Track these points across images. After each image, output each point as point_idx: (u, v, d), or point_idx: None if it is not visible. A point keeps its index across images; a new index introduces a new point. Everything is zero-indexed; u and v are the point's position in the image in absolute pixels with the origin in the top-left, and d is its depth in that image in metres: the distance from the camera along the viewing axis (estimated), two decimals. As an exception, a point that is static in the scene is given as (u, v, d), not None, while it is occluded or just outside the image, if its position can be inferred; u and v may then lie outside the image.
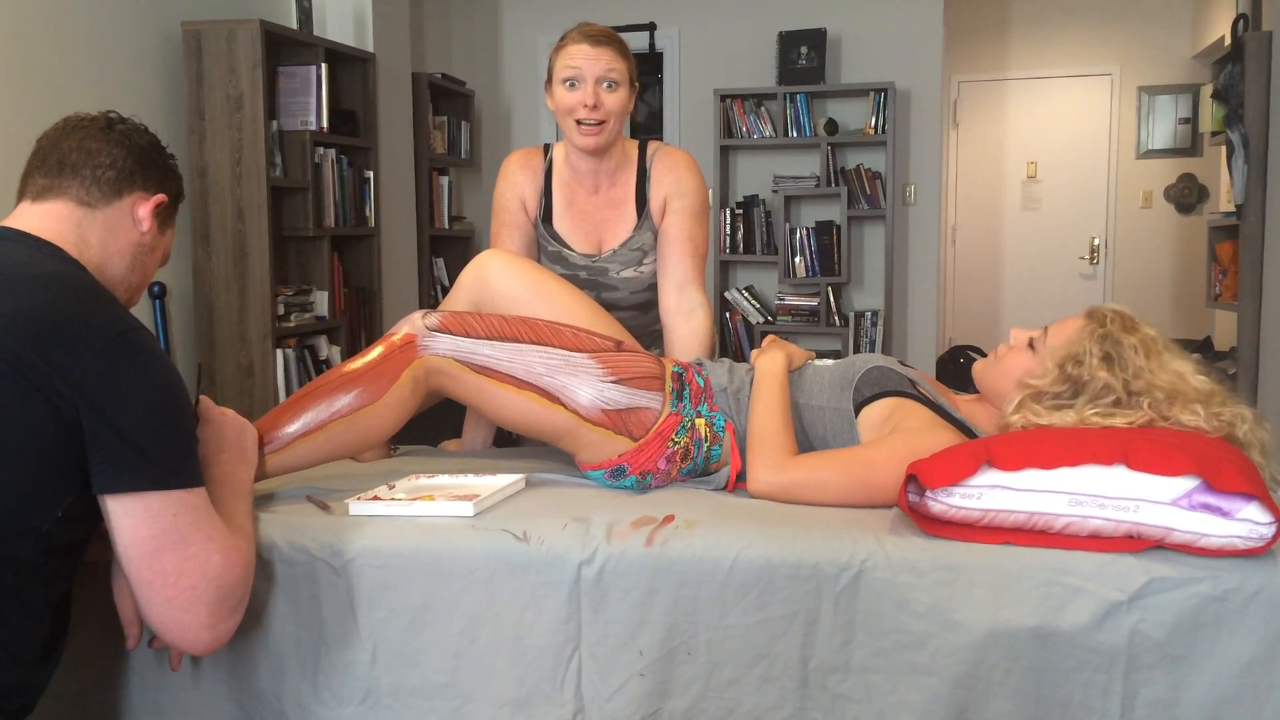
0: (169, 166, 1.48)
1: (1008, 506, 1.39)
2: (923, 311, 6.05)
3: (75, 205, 1.38)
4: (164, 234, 1.49)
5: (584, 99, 2.12)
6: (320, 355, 4.30)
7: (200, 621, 1.27)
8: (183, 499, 1.25)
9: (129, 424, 1.20)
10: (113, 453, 1.20)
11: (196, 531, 1.26)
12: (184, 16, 3.93)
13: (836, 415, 1.73)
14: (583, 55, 2.12)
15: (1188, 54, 7.01)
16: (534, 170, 2.26)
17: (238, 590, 1.32)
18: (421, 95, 5.29)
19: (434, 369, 1.70)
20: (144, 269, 1.47)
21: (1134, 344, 1.54)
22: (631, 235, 2.24)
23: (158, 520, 1.23)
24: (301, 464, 1.65)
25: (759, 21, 6.03)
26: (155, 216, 1.44)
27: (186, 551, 1.25)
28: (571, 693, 1.45)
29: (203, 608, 1.27)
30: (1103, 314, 1.61)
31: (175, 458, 1.25)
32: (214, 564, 1.27)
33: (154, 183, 1.45)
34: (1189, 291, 7.05)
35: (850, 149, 5.95)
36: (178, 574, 1.25)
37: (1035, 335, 1.67)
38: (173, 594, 1.25)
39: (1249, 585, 1.31)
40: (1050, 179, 7.42)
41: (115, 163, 1.40)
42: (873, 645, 1.39)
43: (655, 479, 1.72)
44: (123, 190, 1.41)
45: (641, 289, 2.27)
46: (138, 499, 1.22)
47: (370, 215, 4.58)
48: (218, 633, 1.30)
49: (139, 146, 1.43)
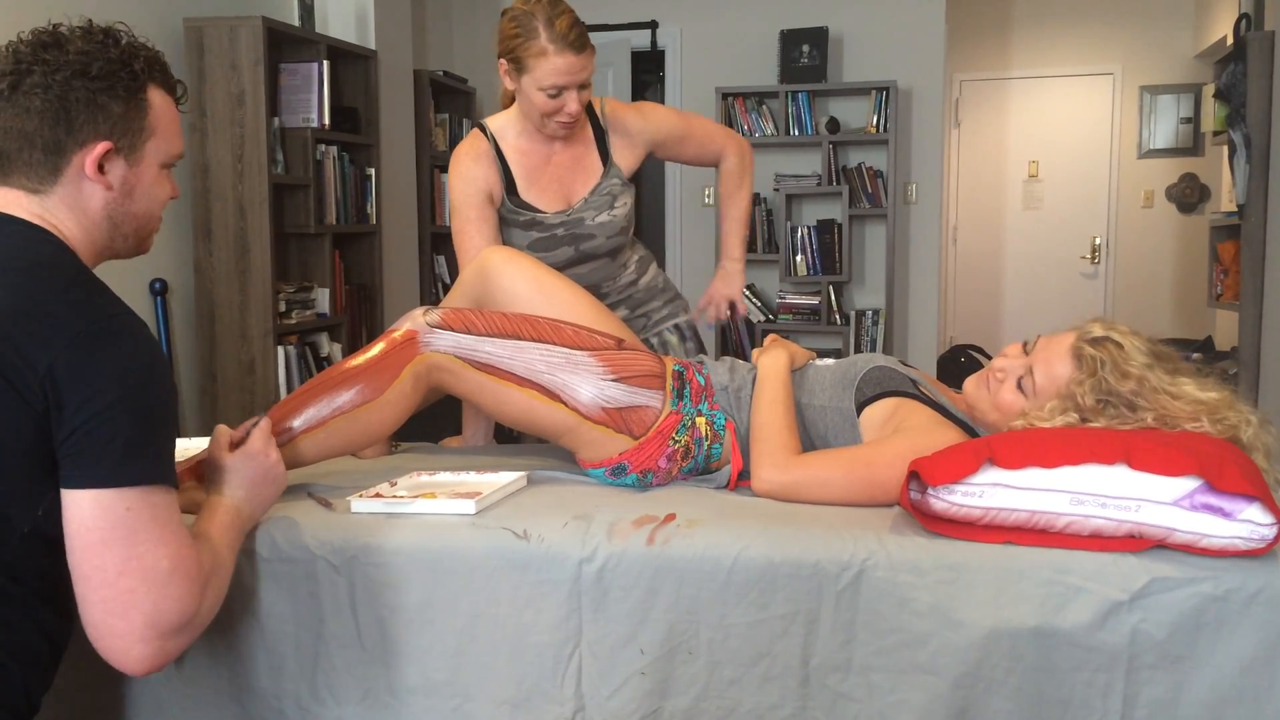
0: (97, 99, 1.24)
1: (1009, 505, 1.39)
2: (924, 310, 6.05)
3: (25, 194, 1.26)
4: (137, 169, 1.29)
5: (567, 107, 2.13)
6: (321, 352, 4.30)
7: (134, 631, 1.15)
8: (140, 495, 1.16)
9: (92, 415, 1.13)
10: (73, 445, 1.13)
11: (147, 532, 1.16)
12: (186, 13, 3.93)
13: (838, 415, 1.73)
14: (568, 68, 2.09)
15: (1190, 53, 7.00)
16: (486, 156, 2.25)
17: (183, 608, 1.18)
18: (423, 92, 5.29)
19: (435, 365, 1.69)
20: (135, 217, 1.32)
21: (1133, 388, 1.50)
22: (600, 182, 2.27)
23: (107, 513, 1.14)
24: (303, 460, 1.65)
25: (761, 20, 6.02)
26: (101, 168, 1.26)
27: (132, 550, 1.15)
28: (572, 691, 1.45)
29: (138, 615, 1.15)
30: (1092, 359, 1.53)
31: (136, 451, 1.16)
32: (160, 570, 1.16)
33: (87, 130, 1.24)
34: (1190, 291, 7.04)
35: (852, 147, 5.95)
36: (118, 572, 1.14)
37: (1021, 373, 1.61)
38: (109, 594, 1.14)
39: (1250, 585, 1.31)
40: (1052, 178, 7.42)
41: (30, 138, 1.23)
42: (874, 644, 1.39)
43: (656, 477, 1.72)
44: (59, 164, 1.24)
45: (616, 232, 2.29)
46: (89, 491, 1.14)
47: (371, 212, 4.58)
48: (153, 650, 1.17)
49: (49, 103, 1.22)
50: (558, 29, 2.08)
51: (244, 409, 3.92)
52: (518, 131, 2.26)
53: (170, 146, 1.34)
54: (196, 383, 3.99)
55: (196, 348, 3.99)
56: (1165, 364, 1.54)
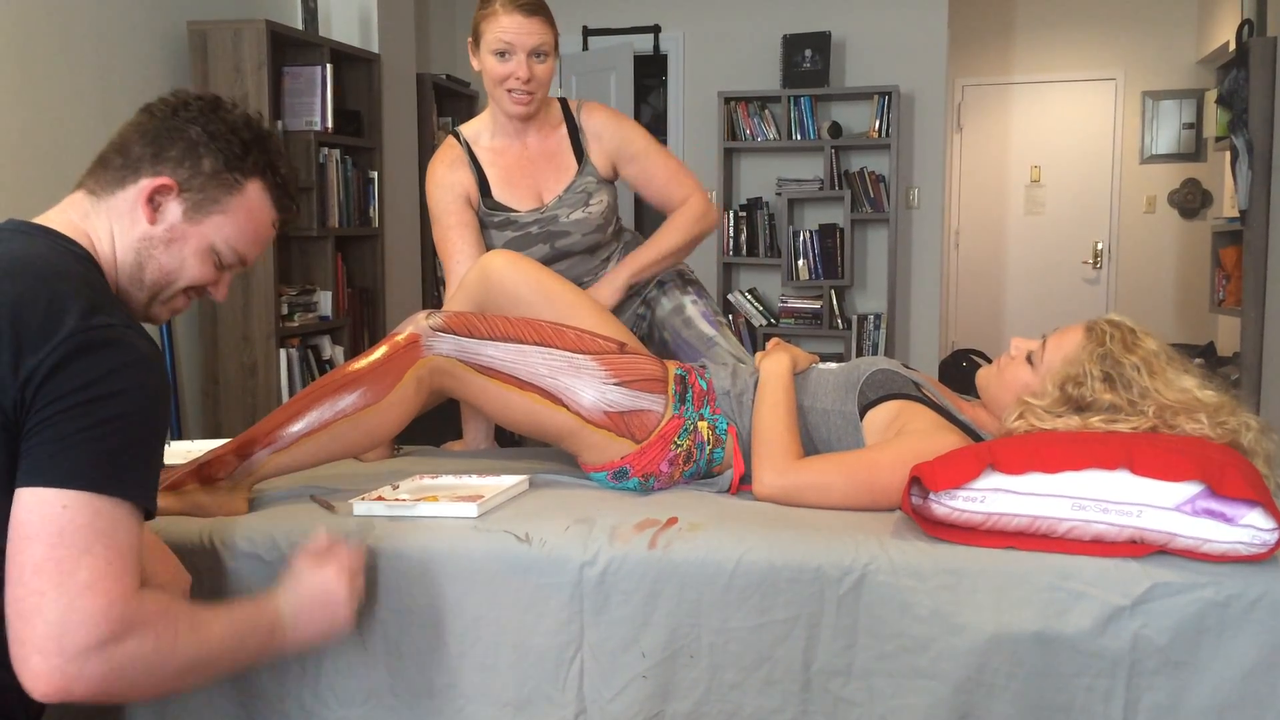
0: (198, 149, 1.27)
1: (1011, 510, 1.39)
2: (925, 315, 6.05)
3: (85, 195, 1.28)
4: (189, 227, 1.28)
5: (516, 71, 2.14)
6: (324, 355, 4.31)
7: (33, 643, 1.02)
8: (83, 500, 1.05)
9: (56, 411, 1.06)
10: (30, 449, 1.06)
11: (78, 535, 1.04)
12: (190, 16, 3.93)
13: (841, 418, 1.73)
14: (515, 27, 2.13)
15: (1192, 59, 7.00)
16: (461, 162, 2.26)
17: (89, 629, 1.03)
18: (426, 96, 5.30)
19: (437, 369, 1.70)
20: (161, 269, 1.28)
21: (1135, 363, 1.52)
22: (574, 180, 2.27)
23: (40, 508, 1.04)
24: (305, 463, 1.66)
25: (763, 24, 6.03)
26: (151, 205, 1.26)
27: (56, 553, 1.03)
28: (573, 694, 1.45)
29: (41, 624, 1.02)
30: (1101, 331, 1.57)
31: (95, 456, 1.06)
32: (77, 580, 1.03)
33: (167, 165, 1.26)
34: (1192, 297, 7.04)
35: (854, 152, 5.95)
36: (34, 571, 1.03)
37: (1034, 348, 1.66)
38: (20, 593, 1.03)
39: (1252, 591, 1.31)
40: (1054, 183, 7.42)
41: (124, 146, 1.27)
42: (875, 649, 1.39)
43: (658, 481, 1.72)
44: (126, 179, 1.26)
45: (591, 229, 2.29)
46: (32, 489, 1.05)
47: (374, 215, 4.58)
48: (50, 667, 1.02)
49: (161, 128, 1.27)
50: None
51: (247, 412, 3.93)
52: (491, 132, 2.28)
53: (235, 240, 1.32)
54: (199, 385, 3.99)
55: (199, 350, 3.99)
56: (1171, 359, 1.55)
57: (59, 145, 3.31)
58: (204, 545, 1.50)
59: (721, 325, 2.36)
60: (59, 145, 3.31)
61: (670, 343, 2.34)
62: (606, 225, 2.32)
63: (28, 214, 1.29)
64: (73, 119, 3.38)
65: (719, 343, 2.30)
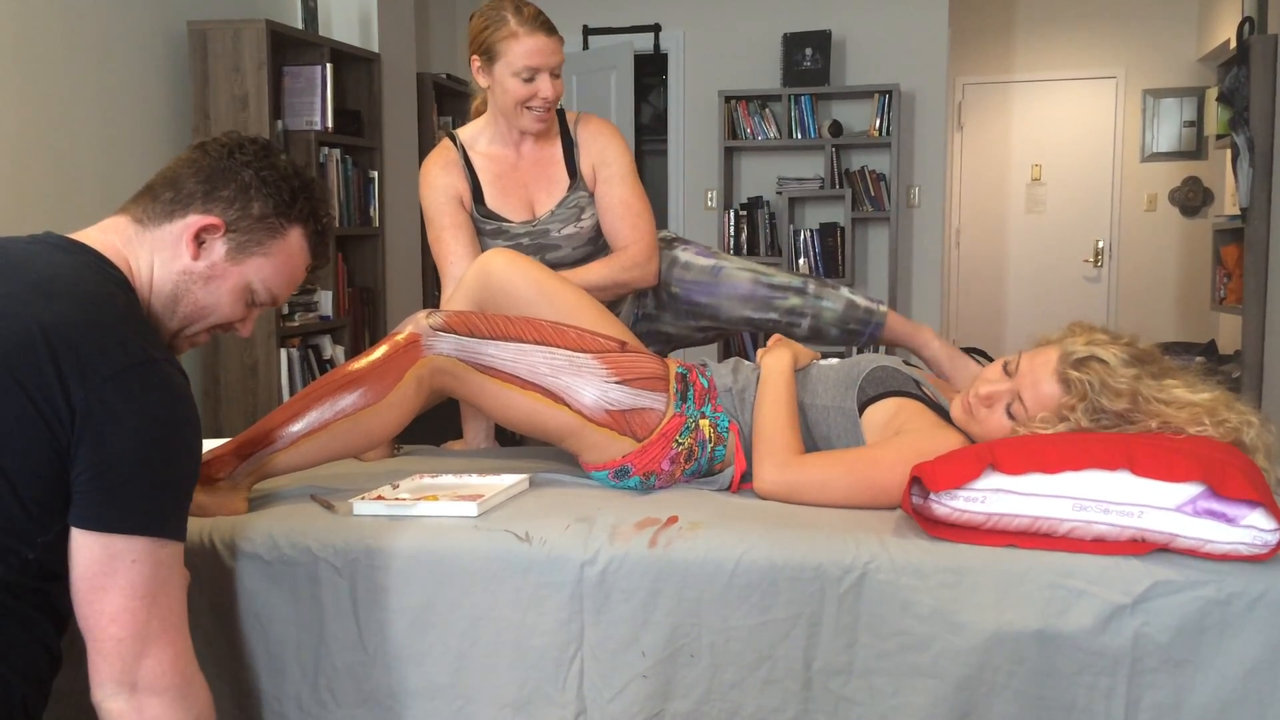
0: (250, 191, 1.32)
1: (1011, 510, 1.39)
2: (926, 313, 6.05)
3: (130, 221, 1.31)
4: (230, 267, 1.32)
5: (542, 91, 2.14)
6: (324, 355, 4.31)
7: (111, 678, 1.15)
8: (146, 548, 1.15)
9: (113, 457, 1.13)
10: (88, 484, 1.13)
11: (147, 586, 1.15)
12: (190, 16, 3.93)
13: (841, 415, 1.73)
14: (541, 49, 2.11)
15: (1193, 57, 7.00)
16: (455, 165, 2.26)
17: (162, 677, 1.18)
18: (426, 95, 5.30)
19: (438, 368, 1.70)
20: (196, 304, 1.32)
21: (1125, 407, 1.49)
22: (567, 195, 2.27)
23: (113, 561, 1.14)
24: (305, 463, 1.65)
25: (764, 23, 6.03)
26: (197, 241, 1.30)
27: (130, 603, 1.15)
28: (573, 694, 1.45)
29: (119, 664, 1.15)
30: (1080, 382, 1.50)
31: (150, 504, 1.16)
32: (150, 629, 1.16)
33: (218, 205, 1.31)
34: (1193, 295, 7.03)
35: (854, 151, 5.95)
36: (110, 619, 1.15)
37: (1010, 400, 1.58)
38: (99, 639, 1.15)
39: (1253, 589, 1.31)
40: (1055, 181, 7.42)
41: (176, 181, 1.31)
42: (876, 648, 1.39)
43: (659, 480, 1.72)
44: (175, 213, 1.30)
45: (583, 244, 2.29)
46: (98, 536, 1.14)
47: (374, 215, 4.59)
48: (128, 707, 1.16)
49: (215, 168, 1.31)
50: (525, 15, 2.12)
51: (247, 412, 3.93)
52: (488, 139, 2.27)
53: (271, 281, 1.36)
54: (199, 385, 3.99)
55: (199, 350, 3.99)
56: (1150, 368, 1.52)
57: (59, 145, 3.30)
58: (204, 545, 1.50)
59: (717, 253, 2.30)
60: (59, 145, 3.30)
61: (681, 295, 2.28)
62: (598, 238, 2.31)
63: (28, 214, 1.28)
64: (73, 119, 3.38)
65: (725, 265, 2.25)
